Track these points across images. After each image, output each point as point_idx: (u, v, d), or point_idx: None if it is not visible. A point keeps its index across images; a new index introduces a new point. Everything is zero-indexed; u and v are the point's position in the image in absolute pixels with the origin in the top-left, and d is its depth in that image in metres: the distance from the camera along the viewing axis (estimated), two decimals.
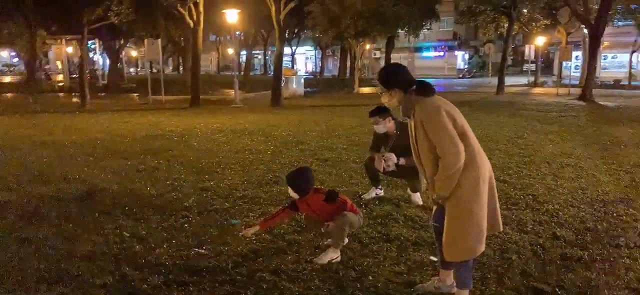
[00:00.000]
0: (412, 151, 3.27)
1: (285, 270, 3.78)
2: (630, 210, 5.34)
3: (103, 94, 25.77)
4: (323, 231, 4.25)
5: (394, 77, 3.18)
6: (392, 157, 5.07)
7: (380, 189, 5.81)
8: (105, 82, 31.81)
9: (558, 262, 4.00)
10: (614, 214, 5.19)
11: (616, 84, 30.43)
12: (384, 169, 5.13)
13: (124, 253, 4.11)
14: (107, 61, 35.18)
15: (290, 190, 4.07)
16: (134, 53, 54.09)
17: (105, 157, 8.33)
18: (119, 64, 34.18)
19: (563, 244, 4.38)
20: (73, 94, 23.92)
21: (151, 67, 30.32)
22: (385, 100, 3.24)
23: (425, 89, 3.09)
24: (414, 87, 3.10)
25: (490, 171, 3.17)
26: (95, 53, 40.01)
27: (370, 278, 3.67)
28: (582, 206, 5.48)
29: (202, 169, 7.34)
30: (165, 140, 10.06)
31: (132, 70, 55.37)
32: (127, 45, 38.05)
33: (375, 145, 5.66)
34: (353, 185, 6.35)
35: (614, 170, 7.27)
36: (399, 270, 3.82)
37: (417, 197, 5.56)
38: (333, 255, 3.94)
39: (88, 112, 16.38)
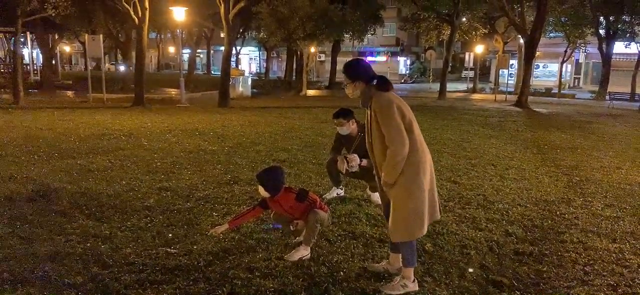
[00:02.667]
0: (366, 140, 3.60)
1: (258, 267, 3.84)
2: (571, 209, 5.78)
3: (36, 90, 24.49)
4: (292, 229, 4.33)
5: (359, 71, 3.50)
6: (356, 159, 5.21)
7: (341, 189, 5.95)
8: (38, 78, 30.20)
9: (512, 256, 4.29)
10: (557, 213, 5.60)
11: (547, 92, 32.38)
12: (346, 170, 5.28)
13: (90, 253, 4.01)
14: (40, 56, 33.37)
15: (260, 189, 4.11)
16: (67, 48, 51.68)
17: (52, 156, 7.99)
18: (53, 60, 32.53)
19: (515, 240, 4.69)
20: (2, 90, 22.48)
21: (86, 64, 29.02)
22: (349, 91, 3.54)
23: (384, 84, 3.43)
24: (375, 81, 3.43)
25: (431, 164, 3.51)
26: (24, 47, 37.85)
27: (342, 273, 3.79)
28: (528, 205, 5.87)
29: (158, 169, 7.21)
30: (114, 140, 9.75)
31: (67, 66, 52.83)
32: (62, 40, 36.37)
33: (337, 146, 5.78)
34: (313, 186, 6.45)
35: (552, 172, 7.80)
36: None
37: (377, 197, 5.71)
38: (304, 252, 4.04)
39: (23, 109, 15.52)
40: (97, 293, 3.36)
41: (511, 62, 29.52)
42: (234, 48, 43.08)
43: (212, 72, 51.28)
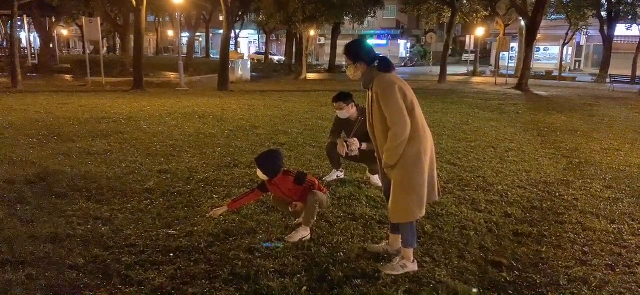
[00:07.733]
0: (367, 122, 3.59)
1: (258, 248, 3.85)
2: (570, 190, 5.80)
3: (34, 74, 24.33)
4: (291, 210, 4.34)
5: (361, 52, 3.46)
6: (355, 142, 5.22)
7: (341, 171, 5.96)
8: (36, 61, 30.00)
9: (511, 237, 4.31)
10: (556, 194, 5.62)
11: (547, 75, 32.27)
12: (346, 153, 5.28)
13: (90, 235, 4.02)
14: (37, 40, 33.14)
15: (259, 172, 4.11)
16: (65, 31, 51.35)
17: (51, 139, 7.97)
18: (51, 43, 32.28)
19: (514, 221, 4.71)
20: None
21: (84, 47, 28.78)
22: (350, 72, 3.51)
23: (385, 65, 3.41)
24: (376, 62, 3.40)
25: (432, 145, 3.50)
26: (21, 30, 37.49)
27: (341, 254, 3.81)
28: (527, 187, 5.88)
29: (157, 152, 7.21)
30: (113, 123, 9.73)
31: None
32: (59, 23, 36.06)
33: (336, 130, 5.77)
34: (313, 168, 6.46)
35: (552, 154, 7.81)
36: None
37: (376, 179, 5.73)
38: (304, 233, 4.05)
39: (21, 93, 15.44)
40: (98, 274, 3.37)
41: (512, 44, 29.38)
42: (232, 31, 42.90)
43: (212, 55, 51.01)
